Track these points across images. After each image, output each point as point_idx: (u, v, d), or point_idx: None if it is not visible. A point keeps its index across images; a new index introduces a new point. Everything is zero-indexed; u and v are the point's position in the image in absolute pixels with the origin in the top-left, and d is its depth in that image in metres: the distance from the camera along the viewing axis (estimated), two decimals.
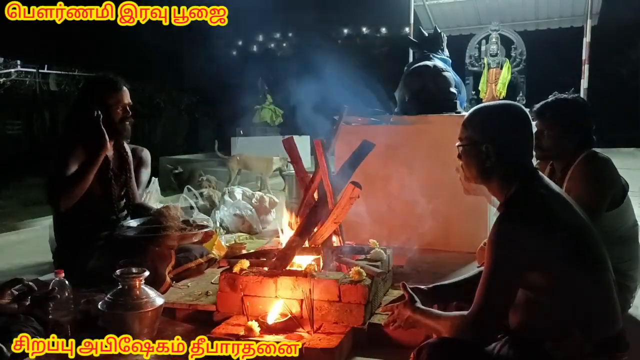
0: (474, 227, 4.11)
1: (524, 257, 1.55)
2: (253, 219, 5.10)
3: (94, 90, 3.20)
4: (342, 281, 2.54)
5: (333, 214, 2.67)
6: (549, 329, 1.58)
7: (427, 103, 4.64)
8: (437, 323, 1.72)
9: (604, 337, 1.57)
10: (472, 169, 1.78)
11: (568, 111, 2.66)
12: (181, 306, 2.82)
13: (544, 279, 1.56)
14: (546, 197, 1.62)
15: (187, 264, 3.19)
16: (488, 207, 4.19)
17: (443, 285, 2.06)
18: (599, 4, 7.70)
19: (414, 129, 4.51)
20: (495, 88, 8.09)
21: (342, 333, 2.40)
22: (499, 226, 1.60)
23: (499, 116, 1.76)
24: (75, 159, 3.02)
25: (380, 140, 2.99)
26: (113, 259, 2.77)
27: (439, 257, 4.03)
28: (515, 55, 8.41)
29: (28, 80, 18.26)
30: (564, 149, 2.66)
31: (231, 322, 2.54)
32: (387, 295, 2.90)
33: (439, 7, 8.52)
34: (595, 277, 1.60)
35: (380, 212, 4.42)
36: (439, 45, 5.15)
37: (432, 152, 4.34)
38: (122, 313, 2.48)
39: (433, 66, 4.84)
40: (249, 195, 5.45)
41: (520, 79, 8.39)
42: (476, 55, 8.59)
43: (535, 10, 8.34)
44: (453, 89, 4.80)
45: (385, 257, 2.90)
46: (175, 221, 3.19)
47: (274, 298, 2.59)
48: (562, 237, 1.56)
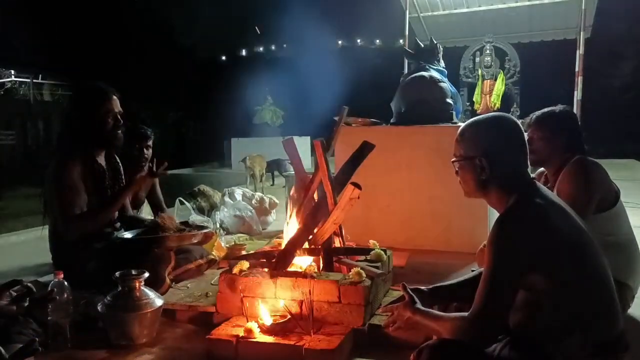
0: (474, 228, 4.14)
1: (524, 258, 1.55)
2: (253, 220, 5.11)
3: (84, 100, 3.17)
4: (342, 282, 2.55)
5: (333, 214, 2.68)
6: (550, 330, 1.57)
7: (424, 114, 4.67)
8: (437, 324, 1.72)
9: (604, 338, 1.57)
10: (469, 183, 1.79)
11: (555, 116, 2.82)
12: (181, 307, 2.83)
13: (544, 280, 1.56)
14: (544, 206, 1.63)
15: (187, 265, 3.20)
16: (488, 208, 4.22)
17: (443, 286, 2.05)
18: (591, 17, 7.78)
19: (413, 132, 4.56)
20: (489, 99, 8.13)
21: (342, 334, 2.40)
22: (498, 227, 1.61)
23: (490, 128, 1.78)
24: (77, 180, 3.00)
25: (380, 141, 3.00)
26: (112, 261, 2.76)
27: (439, 258, 4.05)
28: (509, 67, 8.48)
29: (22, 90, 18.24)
30: (553, 150, 2.76)
31: (231, 323, 2.54)
32: (387, 296, 2.90)
33: (433, 19, 8.58)
34: (595, 278, 1.61)
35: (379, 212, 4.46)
36: (435, 56, 5.20)
37: (431, 153, 4.38)
38: (122, 314, 2.48)
39: (429, 77, 4.88)
40: (249, 197, 5.46)
41: (515, 91, 8.45)
42: (470, 66, 8.65)
43: (529, 23, 8.42)
44: (449, 100, 4.83)
45: (385, 258, 2.91)
46: (171, 231, 3.19)
47: (273, 299, 2.60)
48: (561, 238, 1.57)
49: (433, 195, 4.41)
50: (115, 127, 3.15)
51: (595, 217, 2.58)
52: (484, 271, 1.62)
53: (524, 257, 1.55)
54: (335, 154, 3.58)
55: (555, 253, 1.56)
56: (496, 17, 8.22)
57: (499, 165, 1.72)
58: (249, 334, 2.36)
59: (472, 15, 8.28)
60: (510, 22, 8.39)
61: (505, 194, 1.72)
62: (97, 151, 3.17)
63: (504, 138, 1.75)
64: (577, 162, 2.68)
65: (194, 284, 3.13)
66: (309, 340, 2.34)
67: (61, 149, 3.10)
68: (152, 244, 3.00)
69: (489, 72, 8.37)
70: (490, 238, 1.62)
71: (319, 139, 2.77)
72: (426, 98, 4.74)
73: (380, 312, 2.54)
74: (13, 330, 2.28)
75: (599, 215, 2.62)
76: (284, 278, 2.60)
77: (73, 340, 2.46)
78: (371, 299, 2.58)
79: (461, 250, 4.04)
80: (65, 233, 2.99)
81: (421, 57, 5.16)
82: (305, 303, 2.50)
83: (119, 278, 2.51)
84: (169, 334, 2.66)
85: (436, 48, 5.19)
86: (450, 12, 8.31)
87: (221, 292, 2.71)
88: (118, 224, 3.30)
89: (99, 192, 3.12)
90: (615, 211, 2.69)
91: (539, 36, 8.79)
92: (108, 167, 3.25)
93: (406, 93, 4.89)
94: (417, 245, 4.30)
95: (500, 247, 1.59)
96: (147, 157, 3.89)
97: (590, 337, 1.56)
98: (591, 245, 1.65)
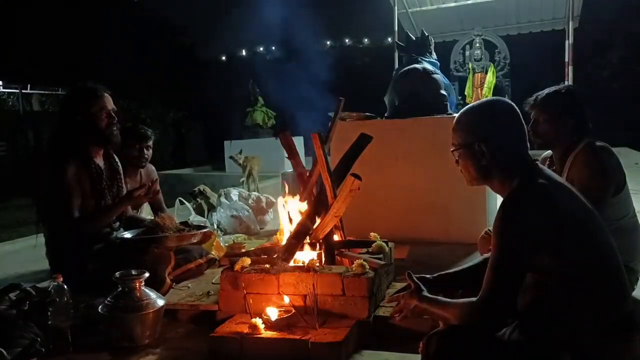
0: (473, 218, 4.15)
1: (530, 239, 1.53)
2: (250, 220, 5.08)
3: (75, 100, 3.13)
4: (345, 275, 2.53)
5: (333, 207, 2.65)
6: (559, 311, 1.56)
7: (418, 106, 4.67)
8: (445, 311, 1.70)
9: (614, 318, 1.56)
10: (471, 171, 1.77)
11: (560, 96, 2.69)
12: (183, 307, 2.79)
13: (551, 261, 1.54)
14: (548, 186, 1.62)
15: (187, 265, 3.17)
16: (486, 198, 4.23)
17: (448, 273, 2.04)
18: (579, 7, 7.82)
19: (408, 124, 4.56)
20: (481, 92, 8.15)
21: (347, 327, 2.38)
22: (503, 211, 1.59)
23: (485, 113, 1.77)
24: (73, 181, 2.97)
25: (376, 135, 2.98)
26: (112, 262, 2.73)
27: (439, 249, 4.05)
28: (499, 60, 8.54)
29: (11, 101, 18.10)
30: (561, 132, 2.66)
31: (235, 321, 2.51)
32: (391, 288, 2.88)
33: (421, 14, 8.59)
34: (604, 257, 1.59)
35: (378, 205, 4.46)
36: (427, 48, 5.20)
37: (427, 145, 4.38)
38: (123, 315, 2.45)
39: (422, 69, 4.88)
40: (245, 196, 5.43)
41: (505, 83, 8.50)
42: (461, 60, 8.70)
43: (516, 15, 8.45)
44: (443, 91, 4.83)
45: (387, 250, 2.89)
46: (170, 231, 3.16)
47: (277, 294, 2.57)
48: (567, 217, 1.56)
49: (431, 187, 4.41)
50: (110, 124, 3.10)
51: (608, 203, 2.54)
52: (491, 255, 1.60)
53: (531, 238, 1.54)
54: (331, 150, 3.56)
55: (561, 232, 1.54)
56: (484, 10, 8.24)
57: (498, 149, 1.70)
58: (254, 330, 2.33)
59: (460, 9, 8.29)
60: (498, 15, 8.43)
61: (507, 177, 1.70)
62: (94, 151, 3.13)
63: (500, 121, 1.73)
64: (589, 149, 2.59)
65: (195, 284, 3.10)
66: (314, 334, 2.32)
67: (55, 151, 3.06)
68: (152, 244, 2.96)
69: (479, 65, 8.42)
70: (495, 222, 1.60)
71: (317, 131, 2.74)
72: (420, 90, 4.74)
73: (386, 301, 2.51)
74: (13, 334, 2.25)
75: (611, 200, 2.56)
76: (287, 273, 2.58)
77: (74, 343, 2.43)
78: (375, 290, 2.56)
79: (461, 241, 4.04)
80: (63, 234, 2.96)
81: (413, 50, 5.17)
82: (309, 297, 2.48)
83: (119, 279, 2.48)
84: (172, 334, 2.63)
85: (427, 40, 5.20)
86: (438, 6, 8.33)
87: (223, 289, 2.68)
88: (117, 224, 3.26)
89: (97, 193, 3.09)
90: (623, 196, 2.65)
91: (527, 27, 8.82)
92: (107, 167, 3.22)
93: (400, 86, 4.89)
94: (417, 238, 4.29)
95: (506, 231, 1.58)
96: (147, 157, 3.86)
97: (600, 316, 1.54)
98: (598, 225, 1.63)
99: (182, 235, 3.11)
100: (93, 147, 3.12)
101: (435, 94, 4.77)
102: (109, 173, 3.22)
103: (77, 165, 3.00)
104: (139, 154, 3.81)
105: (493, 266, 1.58)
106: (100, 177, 3.12)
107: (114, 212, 3.13)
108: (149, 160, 3.90)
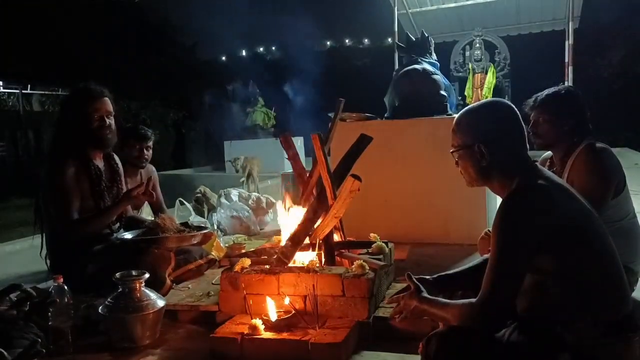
0: (472, 219, 4.15)
1: (530, 240, 1.54)
2: (250, 220, 5.08)
3: (72, 101, 3.15)
4: (345, 275, 2.53)
5: (333, 208, 2.65)
6: (559, 312, 1.56)
7: (418, 106, 4.67)
8: (445, 311, 1.70)
9: (613, 318, 1.56)
10: (471, 172, 1.78)
11: (560, 97, 2.69)
12: (183, 308, 2.79)
13: (551, 261, 1.55)
14: (548, 187, 1.62)
15: (187, 265, 3.17)
16: (486, 199, 4.23)
17: (447, 274, 2.03)
18: (579, 8, 7.83)
19: (408, 125, 4.56)
20: (481, 93, 8.16)
21: (347, 327, 2.38)
22: (503, 211, 1.60)
23: (485, 114, 1.78)
24: (71, 182, 2.97)
25: (376, 135, 2.98)
26: (112, 263, 2.73)
27: (439, 250, 4.06)
28: (499, 60, 8.53)
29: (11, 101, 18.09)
30: (561, 133, 2.66)
31: (235, 321, 2.51)
32: (391, 289, 2.89)
33: (421, 15, 8.59)
34: (603, 257, 1.60)
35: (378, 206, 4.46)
36: (426, 49, 5.21)
37: (427, 146, 4.38)
38: (124, 316, 2.45)
39: (422, 69, 4.89)
40: (245, 197, 5.42)
41: (505, 83, 8.49)
42: (461, 61, 8.69)
43: (516, 15, 8.45)
44: (443, 92, 4.84)
45: (387, 250, 2.90)
46: (171, 232, 3.16)
47: (277, 295, 2.57)
48: (567, 218, 1.57)
49: (430, 187, 4.41)
50: (101, 127, 3.07)
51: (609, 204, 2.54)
52: (491, 256, 1.60)
53: (530, 239, 1.54)
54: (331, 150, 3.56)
55: (561, 233, 1.55)
56: (484, 11, 8.25)
57: (498, 150, 1.71)
58: (254, 330, 2.33)
59: (460, 9, 8.29)
60: (498, 15, 8.42)
61: (507, 178, 1.71)
62: (93, 152, 3.13)
63: (500, 122, 1.74)
64: (589, 151, 2.58)
65: (195, 284, 3.10)
66: (314, 334, 2.32)
67: (54, 152, 3.06)
68: (152, 244, 2.97)
69: (479, 65, 8.41)
70: (495, 223, 1.60)
71: (317, 132, 2.74)
72: (420, 91, 4.75)
73: (386, 303, 2.51)
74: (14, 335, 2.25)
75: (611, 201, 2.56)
76: (287, 274, 2.58)
77: (75, 344, 2.43)
78: (375, 291, 2.57)
79: (461, 242, 4.05)
80: (62, 236, 2.97)
81: (413, 51, 5.17)
82: (309, 298, 2.48)
83: (119, 279, 2.48)
84: (172, 335, 2.63)
85: (427, 41, 5.21)
86: (439, 7, 8.32)
87: (223, 290, 2.68)
88: (117, 225, 3.27)
89: (96, 194, 3.09)
90: (624, 196, 2.64)
91: (527, 28, 8.82)
92: (106, 168, 3.22)
93: (400, 86, 4.89)
94: (417, 239, 4.29)
95: (506, 231, 1.58)
96: (147, 157, 3.88)
97: (599, 317, 1.55)
98: (598, 226, 1.64)
99: (183, 236, 3.11)
100: (91, 149, 3.12)
101: (435, 94, 4.77)
102: (108, 174, 3.23)
103: (76, 167, 3.00)
104: (139, 154, 3.84)
105: (493, 267, 1.58)
106: (100, 179, 3.12)
107: (112, 213, 3.12)
108: (149, 160, 3.92)
